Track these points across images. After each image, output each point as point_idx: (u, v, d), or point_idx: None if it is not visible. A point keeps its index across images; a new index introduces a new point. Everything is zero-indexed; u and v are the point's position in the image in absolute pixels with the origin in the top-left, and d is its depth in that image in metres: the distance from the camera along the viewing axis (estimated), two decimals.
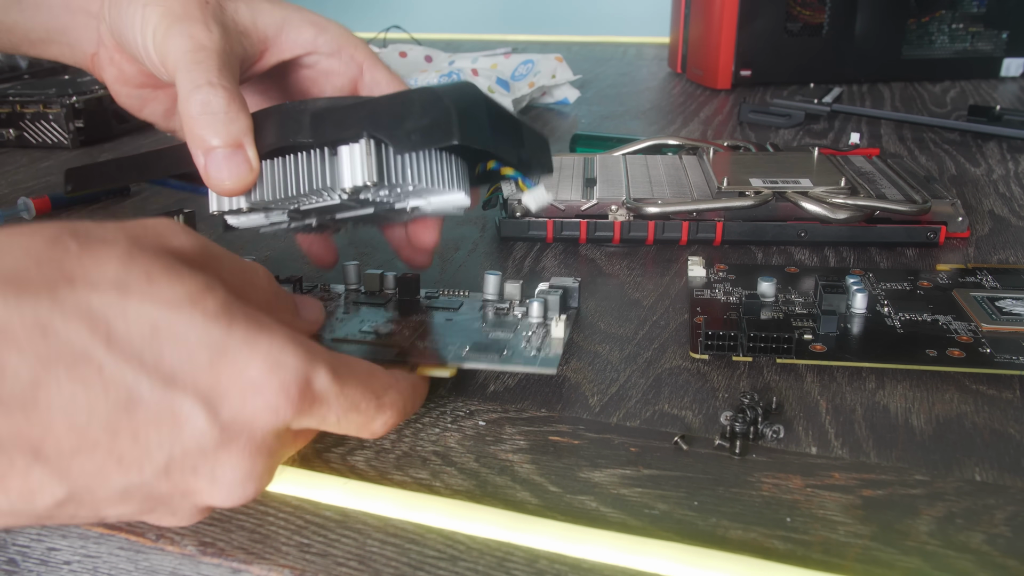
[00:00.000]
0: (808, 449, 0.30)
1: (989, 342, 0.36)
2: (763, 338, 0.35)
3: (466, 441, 0.31)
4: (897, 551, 0.25)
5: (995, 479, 0.28)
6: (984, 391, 0.34)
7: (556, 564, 0.25)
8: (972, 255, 0.47)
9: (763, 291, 0.40)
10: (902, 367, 0.35)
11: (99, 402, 0.22)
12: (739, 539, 0.26)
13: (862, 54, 0.94)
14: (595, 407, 0.33)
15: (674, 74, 1.03)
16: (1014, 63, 0.98)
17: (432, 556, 0.25)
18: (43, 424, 0.21)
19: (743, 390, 0.33)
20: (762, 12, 0.91)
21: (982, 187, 0.59)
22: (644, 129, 0.77)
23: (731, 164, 0.55)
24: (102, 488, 0.23)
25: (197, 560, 0.26)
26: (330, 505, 0.27)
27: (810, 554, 0.25)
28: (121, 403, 0.22)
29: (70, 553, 0.28)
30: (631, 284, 0.44)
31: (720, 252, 0.48)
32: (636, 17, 1.36)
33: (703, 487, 0.28)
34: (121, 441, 0.22)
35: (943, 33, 0.96)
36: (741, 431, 0.30)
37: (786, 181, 0.49)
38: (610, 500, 0.28)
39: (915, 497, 0.28)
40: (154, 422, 0.22)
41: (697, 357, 0.36)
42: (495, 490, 0.28)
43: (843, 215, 0.47)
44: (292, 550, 0.26)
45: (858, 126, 0.77)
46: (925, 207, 0.47)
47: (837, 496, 0.28)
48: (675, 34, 1.03)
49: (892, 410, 0.32)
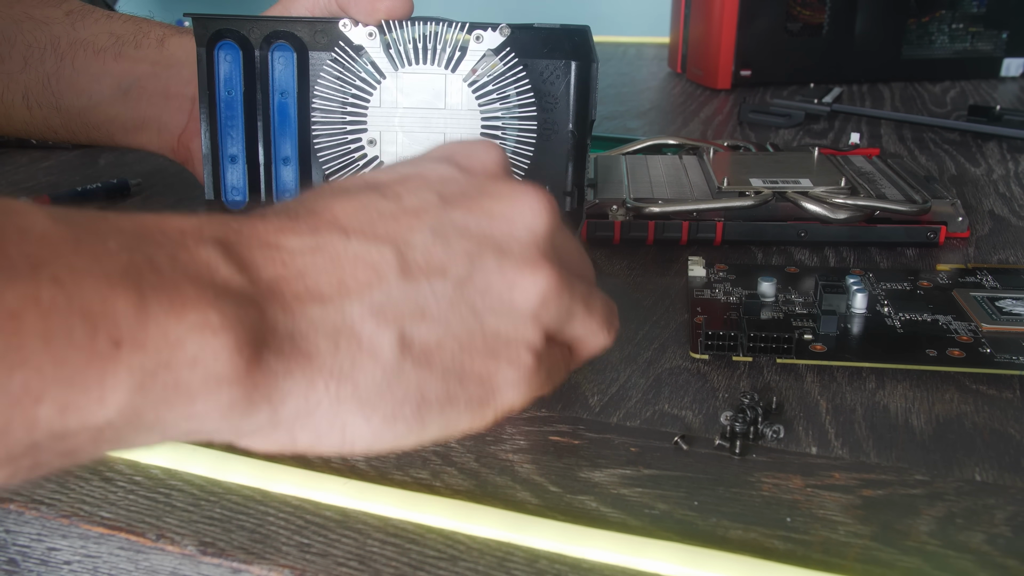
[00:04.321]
0: (808, 449, 0.30)
1: (989, 342, 0.36)
2: (763, 338, 0.35)
3: (466, 441, 0.31)
4: (897, 551, 0.25)
5: (995, 479, 0.28)
6: (984, 391, 0.34)
7: (556, 564, 0.25)
8: (972, 255, 0.47)
9: (763, 291, 0.40)
10: (902, 367, 0.35)
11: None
12: (739, 539, 0.26)
13: (862, 54, 0.94)
14: (595, 407, 0.33)
15: (674, 74, 1.03)
16: (1014, 63, 0.98)
17: (432, 556, 0.25)
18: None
19: (743, 390, 0.33)
20: (762, 12, 0.91)
21: (982, 187, 0.59)
22: (644, 129, 0.77)
23: (731, 164, 0.55)
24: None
25: (197, 560, 0.26)
26: (330, 505, 0.27)
27: (810, 554, 0.25)
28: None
29: (70, 553, 0.28)
30: (631, 284, 0.44)
31: (720, 252, 0.48)
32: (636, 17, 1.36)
33: (703, 487, 0.28)
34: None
35: (943, 33, 0.96)
36: (741, 431, 0.30)
37: (786, 181, 0.49)
38: (610, 500, 0.28)
39: (915, 497, 0.28)
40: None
41: (697, 357, 0.36)
42: (495, 490, 0.28)
43: (843, 215, 0.47)
44: (292, 550, 0.26)
45: (858, 126, 0.77)
46: (925, 207, 0.47)
47: (837, 496, 0.28)
48: (675, 34, 1.03)
49: (892, 410, 0.32)
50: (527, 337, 0.26)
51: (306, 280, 0.23)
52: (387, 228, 0.25)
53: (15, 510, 0.28)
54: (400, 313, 0.24)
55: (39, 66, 0.51)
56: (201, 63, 0.42)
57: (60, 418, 0.19)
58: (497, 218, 0.26)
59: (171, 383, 0.20)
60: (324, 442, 0.24)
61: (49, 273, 0.18)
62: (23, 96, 0.52)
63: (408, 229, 0.25)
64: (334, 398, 0.23)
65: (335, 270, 0.24)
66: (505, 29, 0.38)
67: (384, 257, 0.24)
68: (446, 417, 0.25)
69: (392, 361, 0.24)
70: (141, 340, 0.19)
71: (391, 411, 0.24)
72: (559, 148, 0.42)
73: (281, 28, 0.41)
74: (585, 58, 0.40)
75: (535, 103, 0.39)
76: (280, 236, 0.24)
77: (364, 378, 0.23)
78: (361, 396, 0.23)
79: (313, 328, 0.23)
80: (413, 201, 0.26)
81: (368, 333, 0.23)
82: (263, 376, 0.22)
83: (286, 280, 0.23)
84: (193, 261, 0.21)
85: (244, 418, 0.22)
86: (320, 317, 0.23)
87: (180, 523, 0.27)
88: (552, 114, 0.41)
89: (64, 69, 0.51)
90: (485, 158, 0.29)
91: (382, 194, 0.26)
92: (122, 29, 0.51)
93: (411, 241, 0.25)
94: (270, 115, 0.42)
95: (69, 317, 0.18)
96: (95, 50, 0.50)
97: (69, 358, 0.18)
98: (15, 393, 0.18)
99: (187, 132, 0.50)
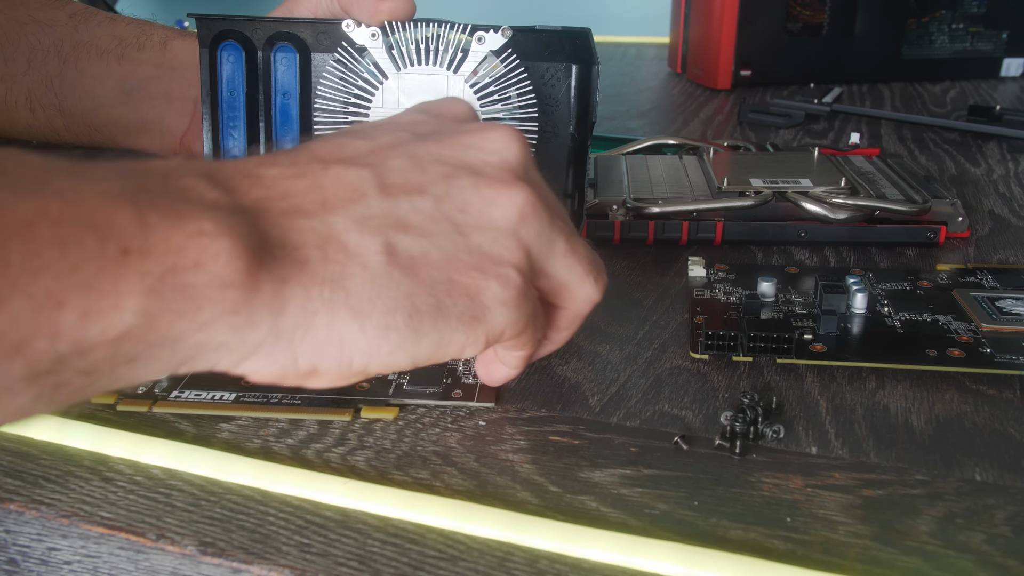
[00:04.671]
0: (808, 449, 0.30)
1: (989, 342, 0.36)
2: (763, 338, 0.35)
3: (466, 441, 0.31)
4: (897, 551, 0.25)
5: (995, 479, 0.28)
6: (984, 391, 0.34)
7: (556, 564, 0.25)
8: (972, 255, 0.47)
9: (763, 291, 0.40)
10: (902, 367, 0.35)
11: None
12: (739, 539, 0.26)
13: (862, 54, 0.94)
14: (595, 407, 0.33)
15: (674, 74, 1.03)
16: (1014, 63, 0.98)
17: (432, 556, 0.25)
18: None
19: (743, 390, 0.33)
20: (762, 12, 0.91)
21: (982, 187, 0.59)
22: (644, 129, 0.77)
23: (731, 164, 0.55)
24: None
25: (197, 560, 0.26)
26: (330, 505, 0.27)
27: (810, 554, 0.25)
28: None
29: (70, 553, 0.28)
30: (631, 284, 0.44)
31: (720, 252, 0.48)
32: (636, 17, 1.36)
33: (703, 487, 0.28)
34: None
35: (943, 33, 0.96)
36: (741, 431, 0.30)
37: (786, 181, 0.49)
38: (610, 500, 0.28)
39: (915, 497, 0.28)
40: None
41: (697, 357, 0.36)
42: (495, 490, 0.28)
43: (843, 215, 0.47)
44: (292, 550, 0.26)
45: (858, 126, 0.77)
46: (925, 207, 0.47)
47: (837, 496, 0.28)
48: (675, 34, 1.03)
49: (892, 410, 0.32)
50: (510, 254, 0.27)
51: (290, 199, 0.25)
52: (363, 158, 0.27)
53: (15, 510, 0.28)
54: (383, 224, 0.26)
55: (43, 68, 0.51)
56: (204, 63, 0.42)
57: (81, 325, 0.20)
58: (470, 148, 0.28)
59: (179, 287, 0.21)
60: (324, 358, 0.25)
61: (53, 191, 0.20)
62: (27, 98, 0.52)
63: (384, 158, 0.27)
64: (328, 305, 0.24)
65: (317, 190, 0.25)
66: (507, 31, 0.38)
67: (362, 178, 0.26)
68: (439, 331, 0.26)
69: (379, 267, 0.25)
70: (146, 248, 0.20)
71: (384, 320, 0.25)
72: (560, 150, 0.42)
73: (284, 29, 0.41)
74: (586, 61, 0.40)
75: (536, 105, 0.39)
76: (260, 168, 0.25)
77: (354, 285, 0.24)
78: (353, 303, 0.24)
79: (302, 238, 0.24)
80: (387, 139, 0.28)
81: (354, 242, 0.25)
82: (262, 281, 0.23)
83: (271, 199, 0.24)
84: (181, 186, 0.23)
85: (248, 327, 0.23)
86: (307, 228, 0.24)
87: (180, 523, 0.27)
88: (553, 116, 0.41)
89: (67, 72, 0.51)
90: (455, 107, 0.31)
91: (357, 135, 0.28)
92: (125, 32, 0.51)
93: (387, 165, 0.27)
94: (272, 116, 0.42)
95: (78, 228, 0.20)
96: (98, 53, 0.51)
97: (83, 264, 0.20)
98: (39, 297, 0.19)
99: (189, 134, 0.50)
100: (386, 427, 0.32)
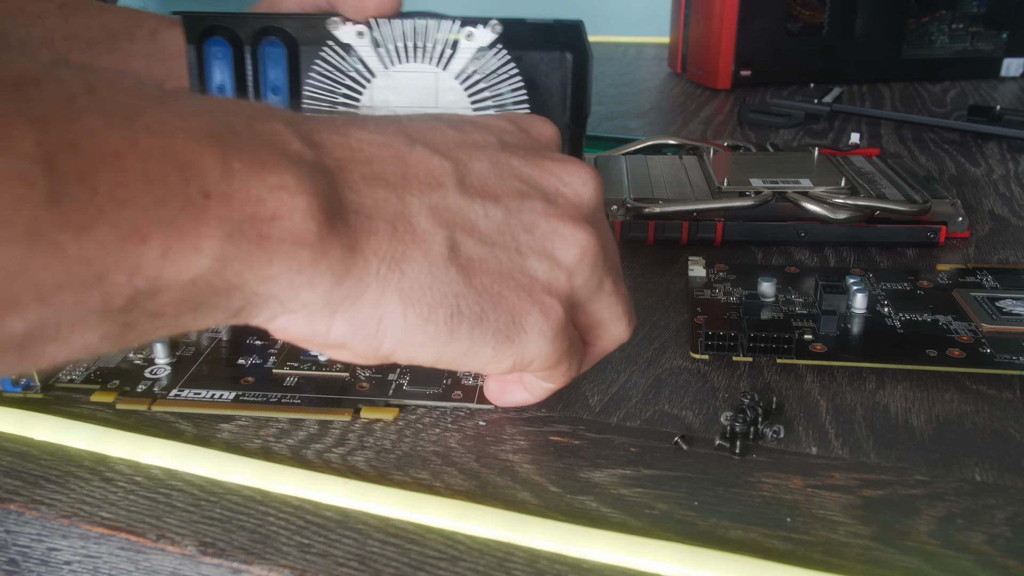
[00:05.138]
0: (808, 449, 0.30)
1: (989, 342, 0.36)
2: (763, 338, 0.35)
3: (466, 441, 0.31)
4: (897, 551, 0.25)
5: (995, 479, 0.28)
6: (984, 391, 0.34)
7: (556, 564, 0.25)
8: (972, 255, 0.47)
9: (763, 291, 0.40)
10: (902, 367, 0.35)
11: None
12: (739, 539, 0.26)
13: (862, 54, 0.94)
14: (595, 407, 0.33)
15: (674, 74, 1.03)
16: (1014, 63, 0.98)
17: (432, 556, 0.25)
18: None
19: (743, 390, 0.33)
20: (762, 12, 0.91)
21: (982, 187, 0.59)
22: (644, 129, 0.77)
23: (731, 164, 0.55)
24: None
25: (197, 560, 0.26)
26: (330, 505, 0.27)
27: (810, 554, 0.25)
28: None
29: (70, 553, 0.28)
30: (631, 284, 0.44)
31: (720, 252, 0.48)
32: (636, 17, 1.36)
33: (703, 487, 0.28)
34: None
35: (943, 33, 0.96)
36: (741, 431, 0.30)
37: (786, 181, 0.49)
38: (610, 500, 0.28)
39: (915, 497, 0.28)
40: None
41: (697, 357, 0.36)
42: (495, 490, 0.28)
43: (843, 215, 0.47)
44: (292, 550, 0.26)
45: (858, 126, 0.77)
46: (925, 207, 0.47)
47: (837, 496, 0.28)
48: (675, 34, 1.03)
49: (892, 410, 0.32)
50: (559, 288, 0.27)
51: (372, 165, 0.25)
52: (449, 149, 0.27)
53: (15, 510, 0.28)
54: (454, 220, 0.26)
55: None
56: (192, 61, 0.41)
57: (160, 262, 0.20)
58: (550, 173, 0.28)
59: (254, 238, 0.21)
60: (358, 333, 0.25)
61: (143, 123, 0.20)
62: None
63: (468, 156, 0.27)
64: (381, 282, 0.24)
65: (399, 165, 0.25)
66: (497, 26, 0.38)
67: (445, 168, 0.26)
68: (472, 339, 0.26)
69: (439, 260, 0.25)
70: (227, 194, 0.21)
71: (426, 311, 0.25)
72: None
73: (271, 24, 0.41)
74: (580, 51, 0.40)
75: (528, 100, 0.39)
76: (349, 128, 0.25)
77: (411, 269, 0.25)
78: (404, 287, 0.24)
79: (377, 208, 0.24)
80: (476, 137, 0.28)
81: (424, 227, 0.25)
82: (331, 245, 0.23)
83: (354, 161, 0.24)
84: (268, 131, 0.23)
85: (306, 287, 0.23)
86: (384, 199, 0.24)
87: (180, 523, 0.27)
88: (545, 107, 0.40)
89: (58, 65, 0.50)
90: (544, 129, 0.31)
91: (448, 124, 0.28)
92: (115, 22, 0.51)
93: (470, 165, 0.27)
94: None
95: (164, 164, 0.20)
96: (88, 44, 0.50)
97: (167, 201, 0.19)
98: (124, 228, 0.19)
99: None
100: (386, 427, 0.32)
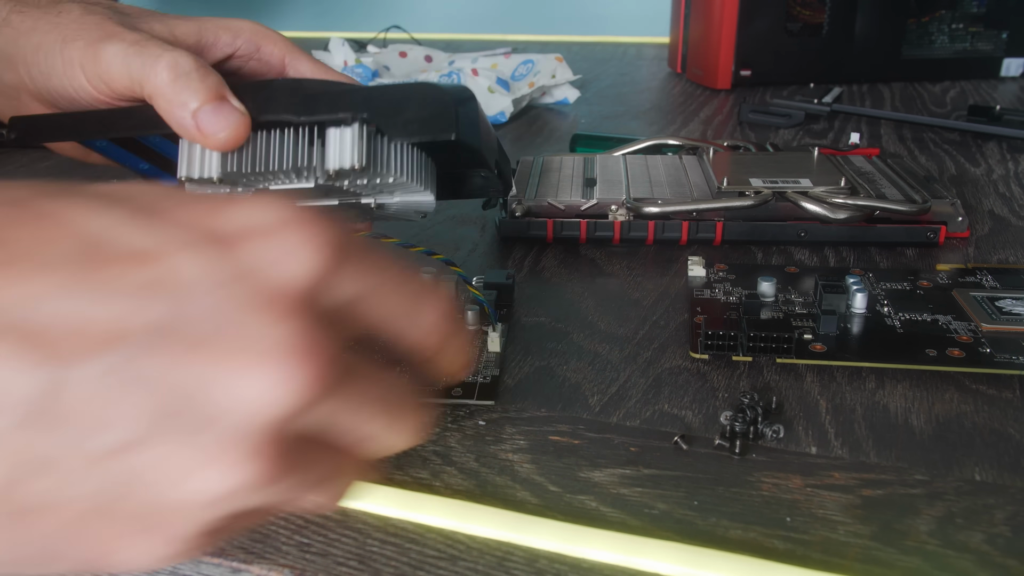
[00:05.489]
0: (808, 449, 0.30)
1: (989, 342, 0.36)
2: (763, 338, 0.35)
3: (466, 441, 0.31)
4: (897, 551, 0.25)
5: (995, 479, 0.28)
6: (984, 391, 0.34)
7: (556, 564, 0.25)
8: (972, 255, 0.47)
9: (763, 291, 0.40)
10: (902, 367, 0.35)
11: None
12: (739, 539, 0.26)
13: (862, 54, 0.94)
14: (595, 407, 0.33)
15: (674, 74, 1.03)
16: (1014, 63, 0.98)
17: (432, 556, 0.25)
18: None
19: (743, 390, 0.33)
20: (762, 12, 0.91)
21: (982, 187, 0.59)
22: (644, 129, 0.77)
23: (731, 164, 0.55)
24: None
25: (197, 560, 0.26)
26: None
27: (810, 554, 0.25)
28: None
29: None
30: (631, 284, 0.44)
31: (720, 252, 0.48)
32: (636, 17, 1.36)
33: (703, 487, 0.28)
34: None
35: (943, 33, 0.96)
36: (741, 431, 0.30)
37: (786, 181, 0.49)
38: (610, 500, 0.28)
39: (915, 497, 0.28)
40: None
41: (697, 357, 0.36)
42: (495, 490, 0.28)
43: (843, 215, 0.47)
44: (292, 550, 0.26)
45: (858, 126, 0.77)
46: (925, 207, 0.47)
47: (837, 496, 0.28)
48: (675, 34, 1.03)
49: (892, 410, 0.32)
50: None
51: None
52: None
53: None
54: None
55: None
56: None
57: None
58: (204, 379, 0.17)
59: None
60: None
61: None
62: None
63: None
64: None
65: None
66: (356, 127, 0.32)
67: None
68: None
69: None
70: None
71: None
72: (485, 181, 0.39)
73: (105, 136, 0.35)
74: (443, 127, 0.33)
75: (408, 170, 0.34)
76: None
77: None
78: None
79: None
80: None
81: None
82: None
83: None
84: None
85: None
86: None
87: None
88: (459, 161, 0.36)
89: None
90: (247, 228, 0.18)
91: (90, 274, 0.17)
92: None
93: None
94: (158, 149, 0.38)
95: None
96: None
97: None
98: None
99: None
100: None
